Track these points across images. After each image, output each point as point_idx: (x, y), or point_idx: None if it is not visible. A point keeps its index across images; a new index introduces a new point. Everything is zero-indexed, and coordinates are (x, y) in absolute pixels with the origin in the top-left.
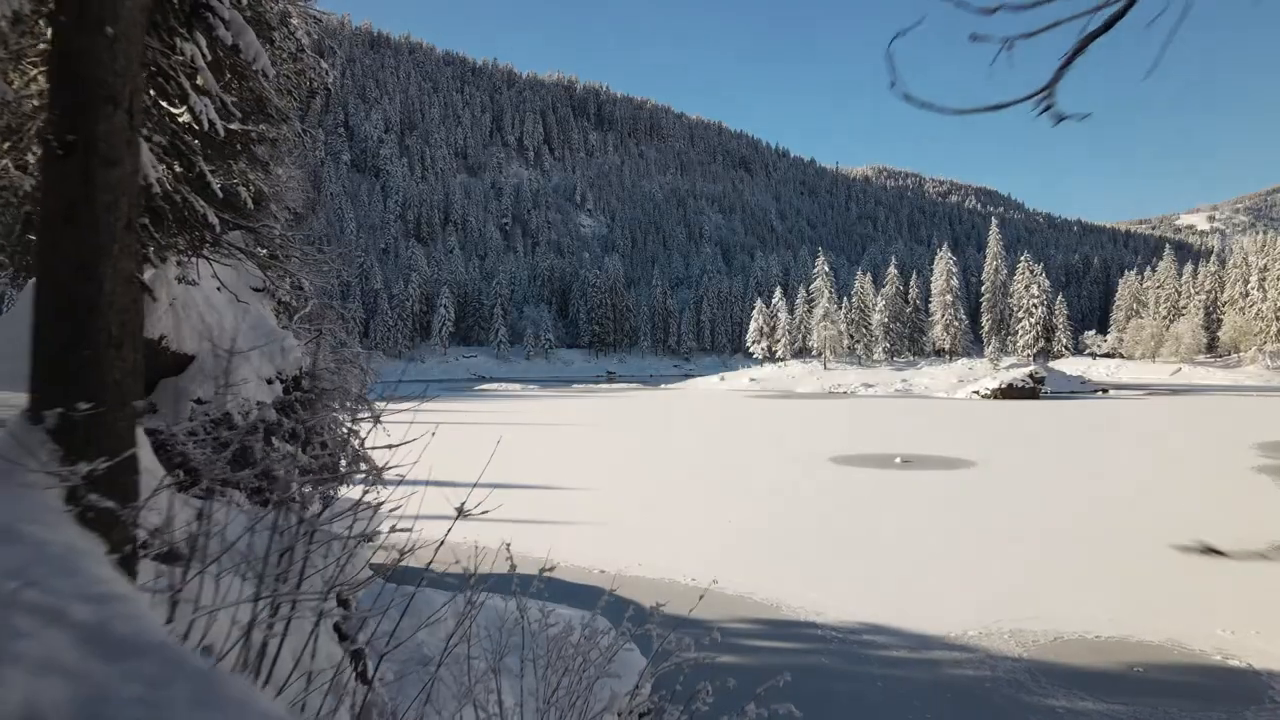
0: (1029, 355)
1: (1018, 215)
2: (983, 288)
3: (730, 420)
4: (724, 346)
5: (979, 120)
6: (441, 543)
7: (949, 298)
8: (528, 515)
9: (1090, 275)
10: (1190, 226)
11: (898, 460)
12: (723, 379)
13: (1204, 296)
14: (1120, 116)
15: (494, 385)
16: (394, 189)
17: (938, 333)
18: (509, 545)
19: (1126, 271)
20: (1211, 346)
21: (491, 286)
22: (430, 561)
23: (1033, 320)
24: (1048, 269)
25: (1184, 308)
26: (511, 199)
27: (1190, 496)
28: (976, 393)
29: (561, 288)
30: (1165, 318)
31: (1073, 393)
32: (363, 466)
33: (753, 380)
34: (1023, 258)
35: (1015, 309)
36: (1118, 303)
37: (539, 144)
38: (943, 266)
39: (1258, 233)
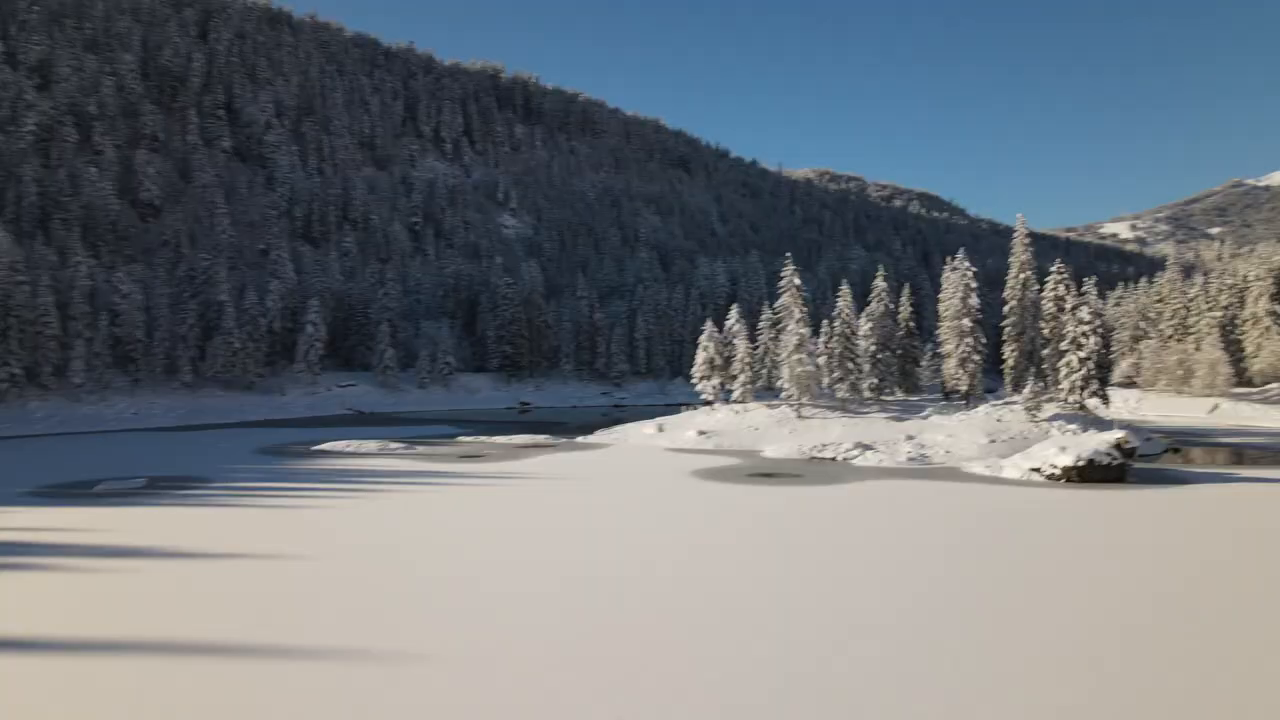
0: (1077, 402)
1: (961, 221)
2: (1005, 308)
3: (689, 549)
4: (661, 370)
5: (917, 120)
6: None
7: (967, 322)
8: None
9: None
10: (1114, 235)
11: None
12: (662, 429)
13: (1219, 314)
14: (1047, 120)
15: (338, 445)
16: (280, 180)
17: (951, 369)
18: None
19: (1132, 285)
20: (1239, 374)
21: (378, 297)
22: None
23: (1081, 355)
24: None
25: (1193, 326)
26: (424, 195)
27: None
28: (1037, 470)
29: (469, 299)
30: (1170, 338)
31: (1142, 454)
32: None
33: (703, 434)
34: (1054, 267)
35: (1052, 338)
36: (1122, 320)
37: (458, 136)
38: (957, 280)
39: (1219, 240)
